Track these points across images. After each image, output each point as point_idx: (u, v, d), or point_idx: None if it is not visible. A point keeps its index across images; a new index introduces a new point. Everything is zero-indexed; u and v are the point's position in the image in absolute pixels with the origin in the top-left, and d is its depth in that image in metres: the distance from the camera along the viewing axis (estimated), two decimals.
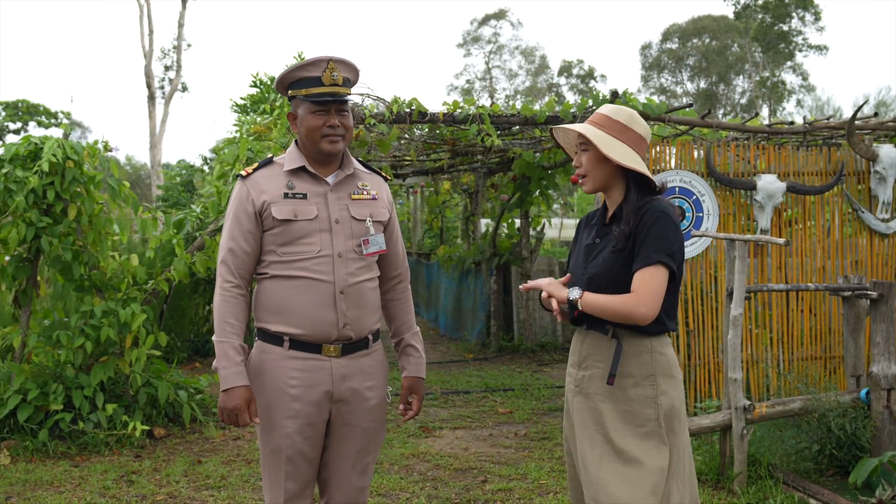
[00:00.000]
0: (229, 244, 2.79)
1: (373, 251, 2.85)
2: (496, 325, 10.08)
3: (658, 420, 2.57)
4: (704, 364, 6.20)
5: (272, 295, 2.78)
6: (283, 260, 2.76)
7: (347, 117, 2.84)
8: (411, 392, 3.01)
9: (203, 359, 9.06)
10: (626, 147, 2.62)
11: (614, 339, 2.60)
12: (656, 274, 2.52)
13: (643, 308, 2.50)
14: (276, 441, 2.77)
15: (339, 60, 2.81)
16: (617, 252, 2.59)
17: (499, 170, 10.41)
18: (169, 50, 32.41)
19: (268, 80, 11.09)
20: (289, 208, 2.76)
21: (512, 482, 4.94)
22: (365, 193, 2.90)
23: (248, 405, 2.71)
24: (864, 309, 5.03)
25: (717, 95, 44.63)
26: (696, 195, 6.17)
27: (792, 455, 4.80)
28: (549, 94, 48.33)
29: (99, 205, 5.99)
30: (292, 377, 2.75)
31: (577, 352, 2.72)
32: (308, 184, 2.82)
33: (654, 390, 2.58)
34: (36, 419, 5.70)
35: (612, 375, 2.56)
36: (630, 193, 2.64)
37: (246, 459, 5.48)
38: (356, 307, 2.79)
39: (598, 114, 2.71)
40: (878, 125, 6.77)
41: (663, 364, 2.61)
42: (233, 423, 2.72)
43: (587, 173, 2.67)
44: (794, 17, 40.59)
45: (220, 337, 2.75)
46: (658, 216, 2.56)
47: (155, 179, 26.70)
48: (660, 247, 2.53)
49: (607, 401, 2.60)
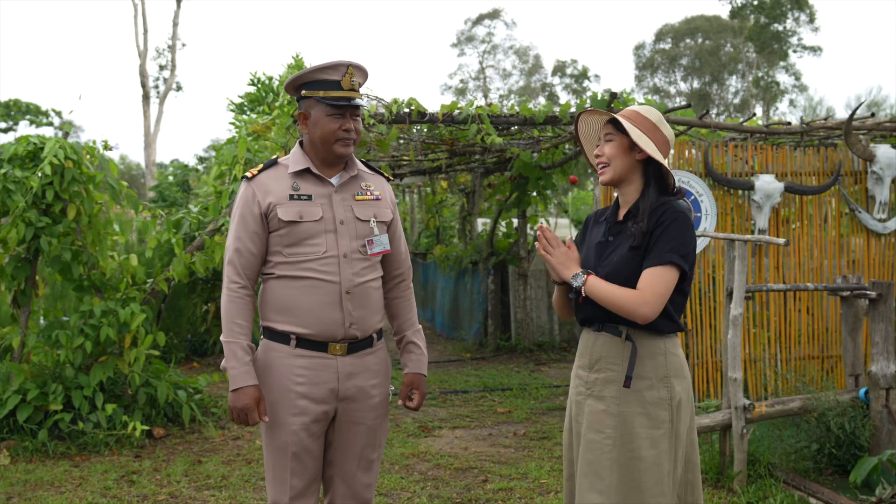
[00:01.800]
0: (235, 245, 2.82)
1: (377, 251, 2.89)
2: (493, 325, 10.09)
3: (672, 422, 2.56)
4: (703, 364, 6.23)
5: (279, 295, 2.80)
6: (289, 261, 2.79)
7: (359, 122, 2.88)
8: (412, 388, 3.03)
9: (201, 359, 9.04)
10: (652, 143, 2.64)
11: (629, 341, 2.59)
12: (665, 275, 2.52)
13: (645, 308, 2.51)
14: (282, 438, 2.80)
15: (357, 66, 2.85)
16: (634, 250, 2.59)
17: (496, 170, 10.43)
18: (163, 49, 32.39)
19: (266, 79, 11.06)
20: (294, 210, 2.79)
21: (513, 482, 4.95)
22: (368, 194, 2.93)
23: (257, 404, 2.75)
24: (862, 308, 5.05)
25: (710, 95, 44.70)
26: (694, 195, 6.20)
27: (791, 454, 4.82)
28: (543, 93, 48.38)
29: (98, 205, 5.98)
30: (299, 375, 2.78)
31: (587, 353, 2.69)
32: (313, 185, 2.85)
33: (669, 392, 2.58)
34: (35, 419, 5.69)
35: (629, 378, 2.55)
36: (649, 191, 2.64)
37: (246, 459, 5.48)
38: (361, 307, 2.83)
39: (629, 110, 2.71)
40: (875, 125, 6.80)
41: (676, 365, 2.62)
42: (242, 422, 2.75)
43: (610, 161, 2.66)
44: (789, 17, 40.68)
45: (228, 337, 2.78)
46: (677, 216, 2.57)
47: (149, 179, 26.64)
48: (674, 247, 2.53)
49: (623, 404, 2.58)
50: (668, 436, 2.56)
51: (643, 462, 2.52)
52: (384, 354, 2.99)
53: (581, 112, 2.82)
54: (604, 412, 2.59)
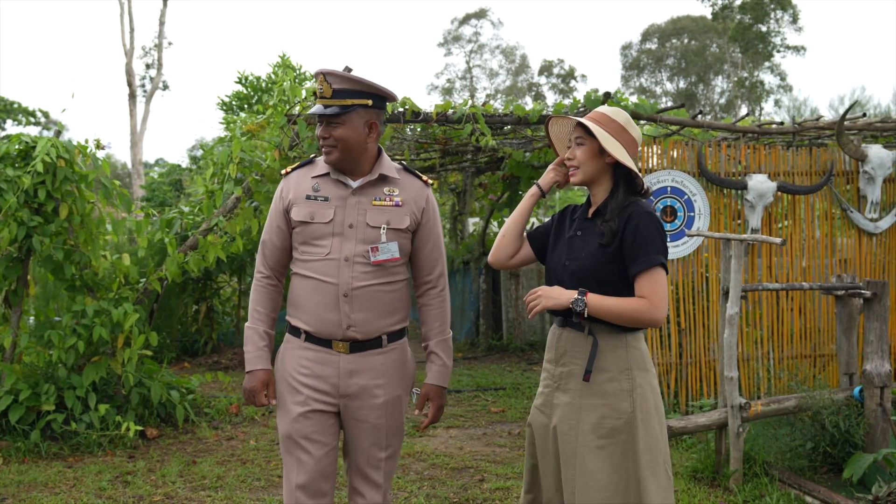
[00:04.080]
0: (264, 236, 3.01)
1: (381, 259, 2.88)
2: (485, 324, 10.10)
3: (634, 412, 2.62)
4: (696, 363, 6.25)
5: (294, 291, 2.96)
6: (301, 259, 2.92)
7: (336, 128, 2.83)
8: (428, 399, 3.04)
9: (192, 359, 9.01)
10: (621, 147, 2.72)
11: (590, 336, 2.67)
12: (660, 276, 2.62)
13: (659, 313, 2.60)
14: (286, 426, 2.92)
15: (328, 72, 2.84)
16: (603, 247, 2.67)
17: (487, 169, 10.43)
18: (150, 48, 32.19)
19: (254, 78, 11.03)
20: (307, 210, 2.88)
21: (509, 481, 4.96)
22: (388, 200, 2.92)
23: (264, 387, 2.92)
24: (856, 308, 5.08)
25: (696, 96, 44.89)
26: (687, 195, 6.22)
27: (786, 453, 4.85)
28: (530, 93, 48.45)
29: (90, 204, 5.93)
30: (303, 366, 2.90)
31: (553, 348, 2.78)
32: (332, 187, 2.91)
33: (630, 383, 2.65)
34: (28, 420, 5.65)
35: (589, 372, 2.64)
36: (618, 191, 2.73)
37: (241, 459, 5.46)
38: (363, 310, 2.85)
39: (597, 112, 2.79)
40: (866, 126, 6.85)
41: (638, 358, 2.69)
42: (251, 403, 2.93)
43: (580, 165, 2.75)
44: (772, 17, 40.89)
45: (249, 323, 2.98)
46: (647, 216, 2.65)
47: (136, 178, 26.49)
48: (658, 248, 2.63)
49: (585, 396, 2.66)
50: (628, 425, 2.61)
51: (602, 451, 2.60)
52: (399, 356, 2.97)
53: (549, 117, 2.92)
54: (569, 404, 2.68)
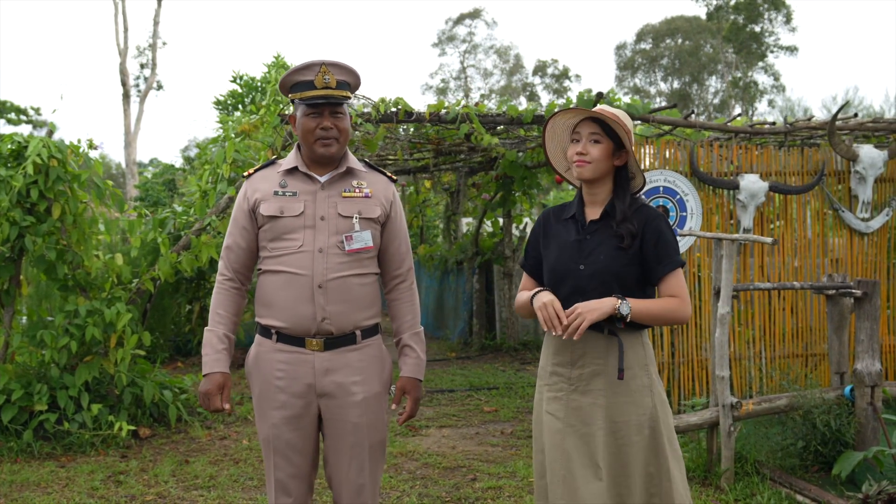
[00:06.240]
0: (227, 240, 2.98)
1: (356, 247, 2.89)
2: (478, 324, 10.11)
3: (655, 406, 2.69)
4: (688, 362, 6.27)
5: (263, 289, 2.92)
6: (271, 255, 2.89)
7: (342, 119, 2.89)
8: (404, 392, 3.03)
9: (185, 358, 9.00)
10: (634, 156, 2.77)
11: (612, 335, 2.68)
12: (681, 276, 2.71)
13: (690, 310, 2.71)
14: (265, 431, 2.91)
15: (332, 63, 2.87)
16: (622, 249, 2.69)
17: (480, 169, 10.44)
18: (144, 48, 32.13)
19: (249, 78, 11.02)
20: (276, 205, 2.88)
21: (501, 480, 4.97)
22: (357, 191, 2.94)
23: (220, 390, 2.88)
24: (847, 307, 5.10)
25: (691, 96, 44.96)
26: (679, 194, 6.23)
27: (777, 451, 4.87)
28: (524, 93, 48.46)
29: (83, 204, 5.93)
30: (279, 369, 2.87)
31: (567, 351, 2.73)
32: (300, 182, 2.92)
33: (649, 379, 2.72)
34: (20, 420, 5.64)
35: (622, 370, 2.64)
36: (624, 193, 2.75)
37: (234, 459, 5.46)
38: (338, 302, 2.84)
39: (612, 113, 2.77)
40: (858, 126, 6.87)
41: (650, 354, 2.78)
42: (206, 407, 2.89)
43: (593, 161, 2.73)
44: (765, 18, 40.98)
45: (209, 325, 2.95)
46: (662, 218, 2.73)
47: (130, 178, 26.44)
48: (676, 249, 2.73)
49: (611, 395, 2.68)
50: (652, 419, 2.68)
51: (633, 447, 2.65)
52: (374, 352, 2.96)
53: (567, 109, 2.87)
54: (592, 405, 2.68)
